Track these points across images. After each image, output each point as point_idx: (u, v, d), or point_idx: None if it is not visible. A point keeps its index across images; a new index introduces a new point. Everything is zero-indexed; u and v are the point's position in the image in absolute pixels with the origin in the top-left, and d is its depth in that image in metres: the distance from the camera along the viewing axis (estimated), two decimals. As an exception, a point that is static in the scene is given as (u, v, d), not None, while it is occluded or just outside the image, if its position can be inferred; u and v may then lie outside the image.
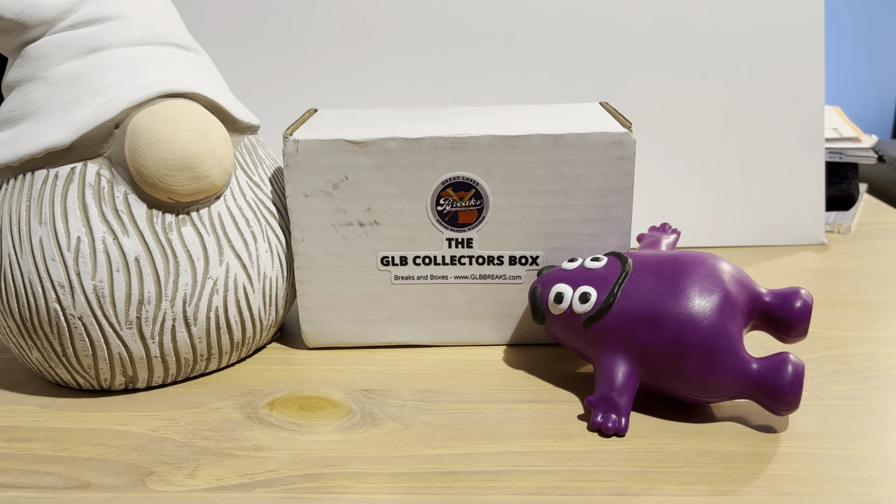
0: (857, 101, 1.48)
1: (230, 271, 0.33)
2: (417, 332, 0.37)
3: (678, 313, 0.28)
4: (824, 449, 0.28)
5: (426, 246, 0.35)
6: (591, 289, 0.30)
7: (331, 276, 0.35)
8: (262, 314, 0.35)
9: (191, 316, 0.32)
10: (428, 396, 0.32)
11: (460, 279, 0.35)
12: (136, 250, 0.31)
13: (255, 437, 0.29)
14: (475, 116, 0.37)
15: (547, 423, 0.30)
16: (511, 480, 0.26)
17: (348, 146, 0.33)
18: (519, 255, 0.35)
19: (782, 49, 0.49)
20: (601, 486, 0.26)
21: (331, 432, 0.29)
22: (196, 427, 0.30)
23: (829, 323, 0.39)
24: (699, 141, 0.50)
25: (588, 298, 0.30)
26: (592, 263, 0.32)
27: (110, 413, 0.31)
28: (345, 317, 0.36)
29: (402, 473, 0.27)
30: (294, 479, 0.27)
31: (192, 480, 0.27)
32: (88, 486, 0.27)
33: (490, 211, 0.34)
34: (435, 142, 0.33)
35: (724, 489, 0.25)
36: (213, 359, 0.34)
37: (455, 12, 0.50)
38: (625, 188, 0.34)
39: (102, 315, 0.31)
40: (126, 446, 0.29)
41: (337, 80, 0.50)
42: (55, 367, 0.32)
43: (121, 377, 0.32)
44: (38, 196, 0.30)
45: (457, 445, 0.28)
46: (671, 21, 0.49)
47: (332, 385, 0.33)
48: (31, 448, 0.29)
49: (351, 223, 0.34)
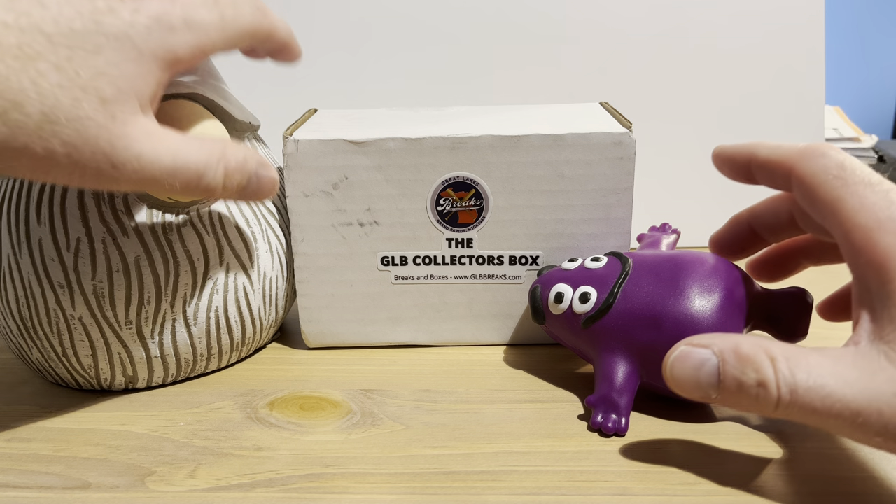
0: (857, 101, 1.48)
1: (230, 271, 0.33)
2: (417, 332, 0.37)
3: (678, 313, 0.28)
4: (824, 449, 0.28)
5: (426, 246, 0.35)
6: (592, 289, 0.30)
7: (331, 276, 0.35)
8: (262, 314, 0.35)
9: (191, 316, 0.32)
10: (428, 396, 0.32)
11: (460, 279, 0.35)
12: (136, 251, 0.31)
13: (255, 437, 0.29)
14: (475, 116, 0.37)
15: (547, 423, 0.30)
16: (511, 480, 0.26)
17: (348, 146, 0.33)
18: (519, 255, 0.35)
19: (782, 49, 0.49)
20: (601, 486, 0.26)
21: (331, 432, 0.29)
22: (196, 427, 0.30)
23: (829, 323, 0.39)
24: (699, 141, 0.50)
25: (588, 298, 0.30)
26: (592, 263, 0.32)
27: (110, 413, 0.31)
28: (345, 317, 0.36)
29: (402, 473, 0.27)
30: (294, 479, 0.27)
31: (192, 480, 0.27)
32: (88, 486, 0.27)
33: (490, 211, 0.34)
34: (435, 142, 0.33)
35: (724, 489, 0.25)
36: (213, 359, 0.34)
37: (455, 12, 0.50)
38: (625, 188, 0.34)
39: (102, 315, 0.31)
40: (126, 446, 0.29)
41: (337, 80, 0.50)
42: (55, 367, 0.32)
43: (121, 377, 0.32)
44: (37, 196, 0.30)
45: (457, 445, 0.28)
46: (671, 21, 0.49)
47: (332, 385, 0.33)
48: (30, 448, 0.29)
49: (351, 223, 0.34)
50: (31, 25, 0.24)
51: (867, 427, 0.22)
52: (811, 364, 0.23)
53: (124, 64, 0.25)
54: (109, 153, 0.25)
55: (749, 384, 0.23)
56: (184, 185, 0.27)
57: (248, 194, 0.29)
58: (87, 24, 0.24)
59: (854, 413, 0.22)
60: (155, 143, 0.26)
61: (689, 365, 0.24)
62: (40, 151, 0.24)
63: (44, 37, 0.24)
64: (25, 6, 0.24)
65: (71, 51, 0.24)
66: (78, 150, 0.24)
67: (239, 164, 0.28)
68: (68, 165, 0.25)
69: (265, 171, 0.29)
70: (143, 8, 0.26)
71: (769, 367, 0.23)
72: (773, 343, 0.23)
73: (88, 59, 0.24)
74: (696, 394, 0.24)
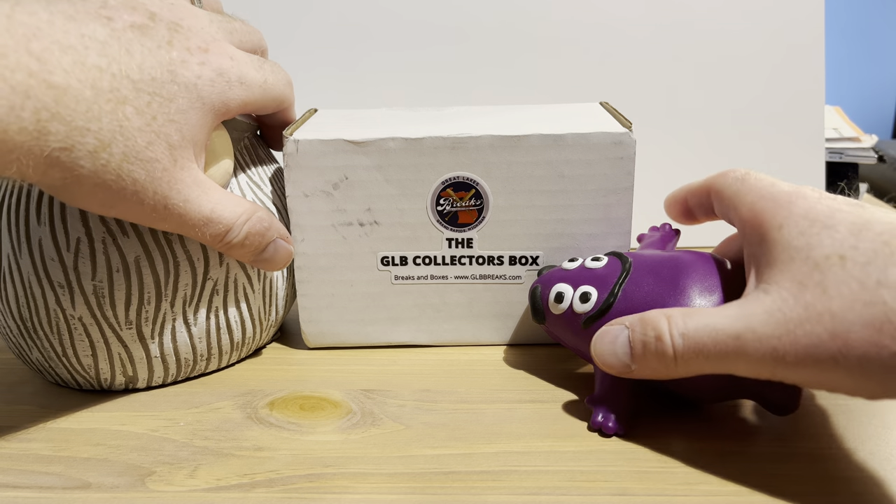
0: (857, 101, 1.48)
1: (230, 272, 0.33)
2: (417, 332, 0.37)
3: None
4: (824, 449, 0.28)
5: (426, 246, 0.35)
6: (592, 288, 0.30)
7: (331, 276, 0.35)
8: (262, 314, 0.35)
9: (191, 316, 0.32)
10: (428, 396, 0.32)
11: (460, 279, 0.35)
12: (136, 251, 0.31)
13: (255, 437, 0.29)
14: (475, 116, 0.37)
15: (547, 424, 0.30)
16: (511, 480, 0.26)
17: (348, 146, 0.33)
18: (519, 255, 0.35)
19: (782, 49, 0.49)
20: (601, 486, 0.26)
21: (331, 432, 0.29)
22: (196, 427, 0.30)
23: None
24: (699, 141, 0.50)
25: (588, 298, 0.30)
26: (593, 263, 0.32)
27: (110, 413, 0.31)
28: (345, 317, 0.36)
29: (402, 473, 0.27)
30: (294, 479, 0.27)
31: (192, 480, 0.27)
32: (88, 486, 0.27)
33: (490, 211, 0.34)
34: (435, 142, 0.33)
35: (724, 489, 0.25)
36: (213, 359, 0.34)
37: (455, 11, 0.50)
38: (625, 188, 0.34)
39: (102, 315, 0.31)
40: (126, 446, 0.29)
41: (337, 80, 0.50)
42: (55, 367, 0.32)
43: (121, 377, 0.32)
44: (37, 196, 0.30)
45: (457, 445, 0.28)
46: (671, 21, 0.49)
47: (332, 385, 0.33)
48: (30, 448, 0.29)
49: (351, 223, 0.34)
50: (120, 72, 0.26)
51: (749, 351, 0.24)
52: (703, 314, 0.25)
53: (190, 112, 0.28)
54: (167, 194, 0.27)
55: (649, 342, 0.26)
56: (213, 237, 0.30)
57: (260, 260, 0.32)
58: (164, 73, 0.27)
59: (734, 337, 0.24)
60: (200, 192, 0.28)
61: (607, 340, 0.28)
62: (114, 188, 0.26)
63: (130, 82, 0.26)
64: (115, 52, 0.26)
65: (151, 97, 0.26)
66: (144, 189, 0.27)
67: (263, 230, 0.31)
68: (133, 203, 0.27)
69: (284, 244, 0.32)
70: (209, 62, 0.28)
71: (664, 322, 0.26)
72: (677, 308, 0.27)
73: (164, 105, 0.27)
74: (616, 366, 0.27)
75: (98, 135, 0.25)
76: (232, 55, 0.30)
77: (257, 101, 0.31)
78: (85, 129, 0.25)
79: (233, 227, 0.30)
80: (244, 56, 0.31)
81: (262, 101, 0.31)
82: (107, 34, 0.26)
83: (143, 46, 0.27)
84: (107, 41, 0.26)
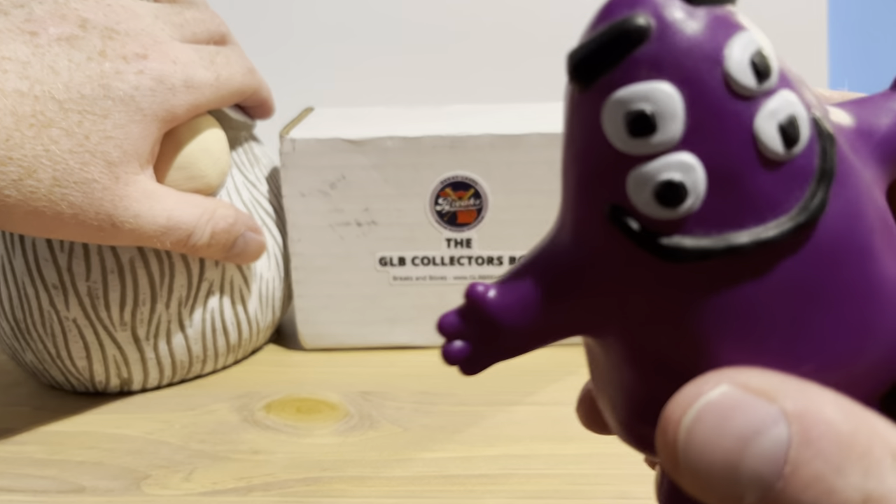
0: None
1: (225, 272, 0.32)
2: (416, 334, 0.36)
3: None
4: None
5: (425, 246, 0.35)
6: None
7: (328, 277, 0.35)
8: (258, 316, 0.34)
9: (186, 318, 0.32)
10: (426, 398, 0.32)
11: (459, 280, 0.35)
12: (130, 251, 0.30)
13: (251, 440, 0.29)
14: (474, 115, 0.36)
15: (547, 426, 0.29)
16: (511, 484, 0.26)
17: (346, 145, 0.33)
18: (518, 255, 0.35)
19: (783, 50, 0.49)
20: (601, 489, 0.25)
21: (328, 435, 0.29)
22: (192, 430, 0.30)
23: None
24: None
25: None
26: None
27: (105, 416, 0.31)
28: (342, 318, 0.36)
29: (400, 477, 0.27)
30: (291, 483, 0.26)
31: (187, 484, 0.26)
32: (83, 490, 0.26)
33: (489, 210, 0.34)
34: (434, 141, 0.33)
35: (726, 493, 0.25)
36: (208, 361, 0.34)
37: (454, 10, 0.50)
38: (625, 188, 0.34)
39: (96, 317, 0.30)
40: (121, 449, 0.29)
41: (334, 78, 0.50)
42: (49, 368, 0.32)
43: (115, 379, 0.32)
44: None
45: (456, 448, 0.28)
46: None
47: (330, 387, 0.33)
48: (24, 451, 0.29)
49: (348, 223, 0.34)
50: (44, 93, 0.24)
51: None
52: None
53: (129, 126, 0.26)
54: (112, 213, 0.26)
55: (851, 496, 0.11)
56: (174, 243, 0.29)
57: (232, 256, 0.31)
58: (96, 88, 0.26)
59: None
60: (152, 204, 0.27)
61: (721, 418, 0.11)
62: (49, 214, 0.25)
63: (56, 104, 0.25)
64: (38, 73, 0.25)
65: (81, 115, 0.25)
66: (84, 212, 0.26)
67: (228, 226, 0.30)
68: (74, 226, 0.26)
69: (253, 236, 0.31)
70: (148, 69, 0.27)
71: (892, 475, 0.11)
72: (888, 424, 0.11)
73: (97, 123, 0.26)
74: (726, 488, 0.11)
75: (21, 162, 0.24)
76: (175, 58, 0.28)
77: (209, 101, 0.30)
78: (6, 157, 0.24)
79: (194, 229, 0.29)
80: (191, 55, 0.29)
81: (215, 99, 0.30)
82: (29, 53, 0.25)
83: (72, 61, 0.25)
84: (29, 61, 0.24)
